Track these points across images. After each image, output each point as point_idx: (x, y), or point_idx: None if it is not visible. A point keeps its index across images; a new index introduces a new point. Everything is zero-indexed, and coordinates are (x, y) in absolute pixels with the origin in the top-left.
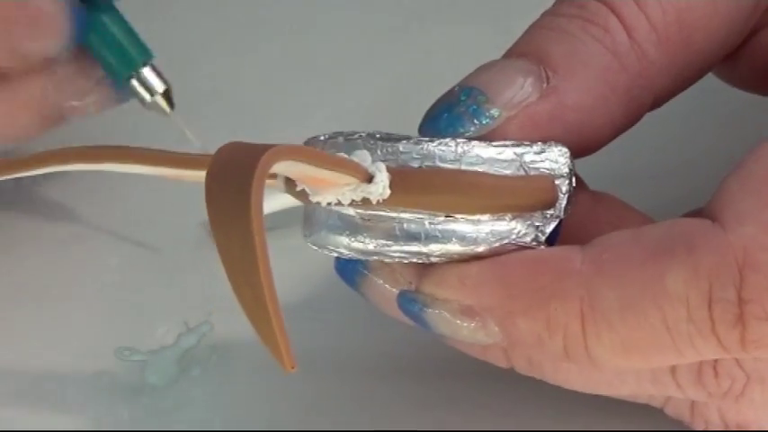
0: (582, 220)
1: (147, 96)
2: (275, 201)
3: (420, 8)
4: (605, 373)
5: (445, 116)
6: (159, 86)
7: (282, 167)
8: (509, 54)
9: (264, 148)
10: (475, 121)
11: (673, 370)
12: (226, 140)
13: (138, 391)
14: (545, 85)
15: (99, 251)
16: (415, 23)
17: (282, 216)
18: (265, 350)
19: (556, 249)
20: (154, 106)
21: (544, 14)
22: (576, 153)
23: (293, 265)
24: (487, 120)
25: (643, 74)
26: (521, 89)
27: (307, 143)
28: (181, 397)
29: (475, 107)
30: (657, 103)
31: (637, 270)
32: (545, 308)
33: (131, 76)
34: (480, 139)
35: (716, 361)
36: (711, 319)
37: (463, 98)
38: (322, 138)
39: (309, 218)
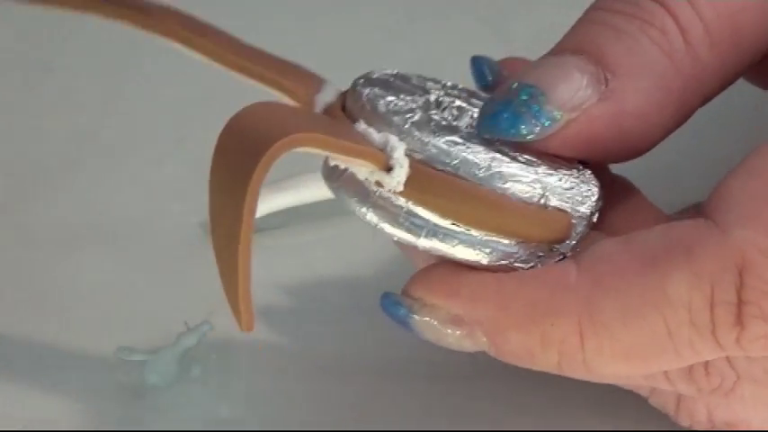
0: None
1: None
2: (275, 201)
3: (420, 8)
4: None
5: (506, 116)
6: None
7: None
8: (562, 49)
9: (279, 132)
10: (535, 122)
11: None
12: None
13: (138, 391)
14: (603, 87)
15: (99, 251)
16: (414, 23)
17: (282, 216)
18: (266, 350)
19: (550, 266)
20: None
21: (594, 9)
22: (622, 158)
23: (293, 265)
24: (549, 122)
25: (696, 77)
26: (580, 90)
27: (354, 84)
28: (181, 397)
29: (537, 108)
30: (703, 104)
31: (636, 279)
32: (540, 324)
33: None
34: (523, 149)
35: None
36: (713, 321)
37: (524, 97)
38: (367, 91)
39: (330, 165)
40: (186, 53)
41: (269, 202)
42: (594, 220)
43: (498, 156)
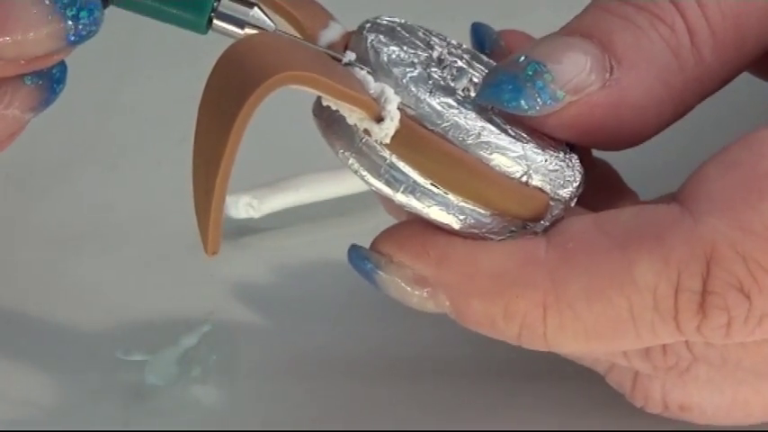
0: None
1: (238, 30)
2: (275, 201)
3: (419, 9)
4: None
5: (509, 87)
6: (246, 11)
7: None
8: (571, 30)
9: (277, 67)
10: (537, 98)
11: None
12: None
13: (138, 391)
14: (608, 74)
15: (99, 251)
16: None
17: (282, 216)
18: (266, 350)
19: (520, 240)
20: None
21: None
22: (613, 147)
23: (293, 265)
24: (550, 100)
25: (698, 78)
26: (585, 74)
27: (361, 28)
28: (181, 397)
29: (542, 85)
30: (700, 102)
31: (603, 259)
32: (505, 295)
33: (211, 19)
34: (515, 123)
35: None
36: (676, 308)
37: (530, 72)
38: (372, 37)
39: (322, 104)
40: None
41: (269, 202)
42: (572, 205)
43: (489, 126)
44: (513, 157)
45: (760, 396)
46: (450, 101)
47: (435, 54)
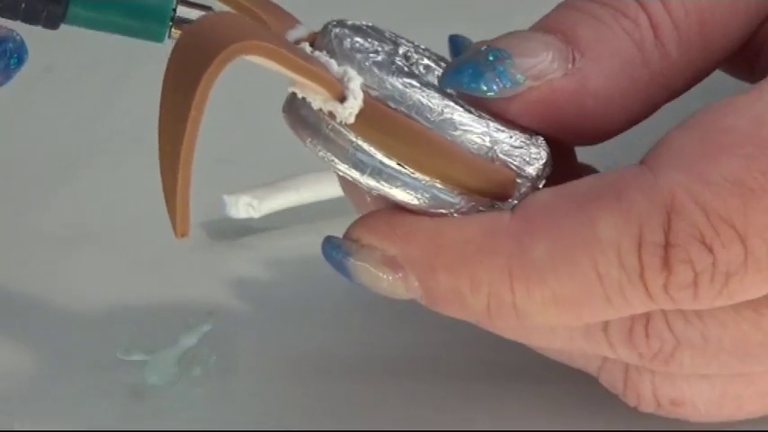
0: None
1: None
2: (275, 201)
3: (418, 9)
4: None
5: (470, 71)
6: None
7: (253, 57)
8: (537, 28)
9: (237, 37)
10: (498, 81)
11: (605, 327)
12: (230, 147)
13: (138, 391)
14: (570, 65)
15: (99, 251)
16: (412, 25)
17: (282, 216)
18: (266, 350)
19: (485, 212)
20: None
21: None
22: (583, 141)
23: (293, 265)
24: (511, 84)
25: (663, 73)
26: (547, 62)
27: (326, 24)
28: (181, 397)
29: (501, 69)
30: (668, 101)
31: (566, 220)
32: (470, 264)
33: (170, 28)
34: (480, 107)
35: (647, 321)
36: (641, 264)
37: (491, 58)
38: (336, 30)
39: (289, 96)
40: None
41: (269, 202)
42: (540, 185)
43: (452, 104)
44: (478, 133)
45: (751, 388)
46: (413, 81)
47: (401, 50)
